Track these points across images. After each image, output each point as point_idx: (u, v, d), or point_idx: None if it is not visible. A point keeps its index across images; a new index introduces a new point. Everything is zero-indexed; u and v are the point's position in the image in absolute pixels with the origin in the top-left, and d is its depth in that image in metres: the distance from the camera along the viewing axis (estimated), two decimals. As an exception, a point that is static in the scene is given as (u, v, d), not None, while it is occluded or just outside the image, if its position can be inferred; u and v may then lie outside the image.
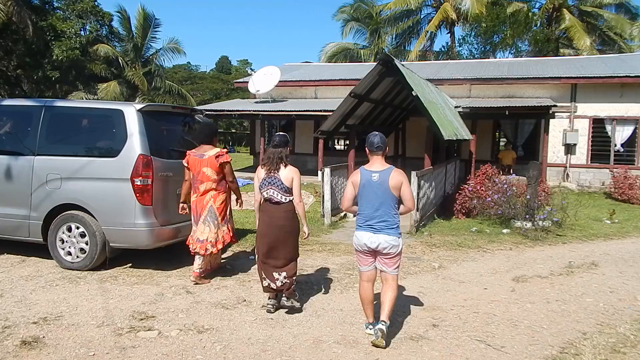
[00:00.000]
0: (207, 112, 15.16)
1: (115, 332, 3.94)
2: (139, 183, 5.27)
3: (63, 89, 27.12)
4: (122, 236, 5.40)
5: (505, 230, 8.42)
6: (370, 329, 3.98)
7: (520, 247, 7.49)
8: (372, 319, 4.03)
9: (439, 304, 4.82)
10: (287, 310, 4.51)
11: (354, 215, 4.18)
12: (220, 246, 5.27)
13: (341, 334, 4.05)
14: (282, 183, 4.39)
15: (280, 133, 4.62)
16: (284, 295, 4.52)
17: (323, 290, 5.16)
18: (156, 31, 29.20)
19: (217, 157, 5.15)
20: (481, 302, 4.90)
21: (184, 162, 5.24)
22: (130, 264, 5.78)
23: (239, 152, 37.03)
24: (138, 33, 28.17)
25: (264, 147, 15.81)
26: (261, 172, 4.48)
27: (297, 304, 4.53)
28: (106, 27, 28.84)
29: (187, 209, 5.37)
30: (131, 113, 5.37)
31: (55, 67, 25.04)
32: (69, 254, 5.56)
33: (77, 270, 5.49)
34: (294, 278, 4.52)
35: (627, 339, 4.07)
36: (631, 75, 14.36)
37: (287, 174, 4.42)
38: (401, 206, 4.00)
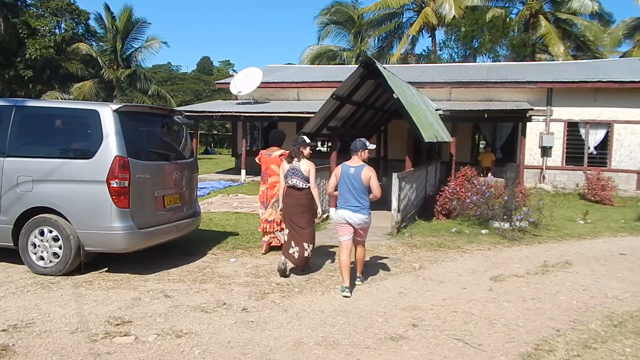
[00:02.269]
0: (187, 113, 15.05)
1: (90, 338, 3.86)
2: (115, 185, 5.18)
3: (37, 88, 26.53)
4: (97, 240, 5.29)
5: (484, 231, 8.54)
6: (346, 290, 5.05)
7: (498, 247, 7.61)
8: (348, 283, 5.11)
9: (418, 304, 4.85)
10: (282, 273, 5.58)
11: (335, 210, 5.41)
12: (283, 225, 6.20)
13: (322, 335, 4.05)
14: (302, 173, 5.67)
15: (302, 136, 6.03)
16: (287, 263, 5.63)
17: (305, 291, 5.15)
18: (140, 32, 28.76)
19: (280, 156, 6.42)
20: (460, 302, 4.96)
21: (257, 159, 6.74)
22: (106, 268, 5.66)
23: (221, 154, 36.79)
24: (119, 32, 27.72)
25: (245, 148, 15.74)
26: (286, 165, 5.79)
27: (286, 272, 5.61)
28: (82, 25, 28.32)
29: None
30: (107, 113, 5.27)
31: (29, 66, 24.49)
32: (42, 258, 5.40)
33: (50, 275, 5.35)
34: (312, 254, 5.78)
35: (598, 335, 4.17)
36: (603, 80, 14.75)
37: (306, 166, 5.72)
38: (370, 194, 5.25)
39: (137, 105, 7.12)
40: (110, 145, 5.22)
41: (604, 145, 15.14)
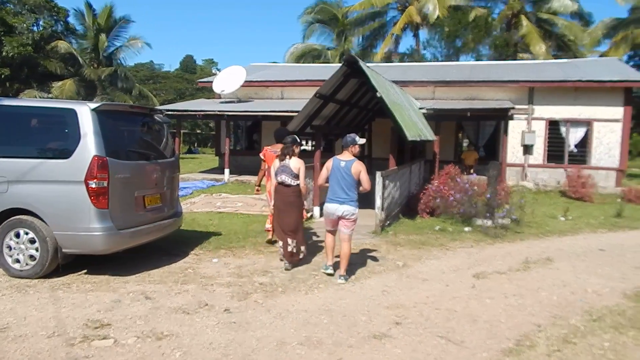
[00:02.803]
0: (170, 112, 14.88)
1: (67, 343, 3.77)
2: (94, 185, 5.07)
3: (14, 87, 25.96)
4: (75, 241, 5.17)
5: (467, 229, 8.60)
6: (329, 268, 5.64)
7: (481, 244, 7.66)
8: (331, 262, 5.72)
9: (402, 302, 4.86)
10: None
11: (321, 208, 5.86)
12: None
13: (305, 335, 4.02)
14: (292, 170, 5.87)
15: (292, 135, 6.21)
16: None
17: (288, 291, 5.12)
18: (122, 30, 28.30)
19: None
20: (443, 299, 4.98)
21: (261, 155, 6.90)
22: (85, 271, 5.55)
23: (204, 153, 36.51)
24: (101, 30, 27.24)
25: (229, 148, 15.62)
26: (277, 163, 6.00)
27: (288, 266, 5.86)
28: (61, 22, 27.78)
29: (261, 190, 7.02)
30: (85, 112, 5.16)
31: (6, 64, 23.94)
32: (17, 261, 5.26)
33: (26, 278, 5.21)
34: (302, 248, 5.98)
35: (578, 330, 4.22)
36: (583, 79, 14.98)
37: (295, 164, 5.94)
38: (360, 187, 5.51)
39: (116, 104, 6.99)
40: (89, 145, 5.11)
41: (584, 143, 15.38)
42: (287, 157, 5.99)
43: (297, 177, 5.93)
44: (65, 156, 5.16)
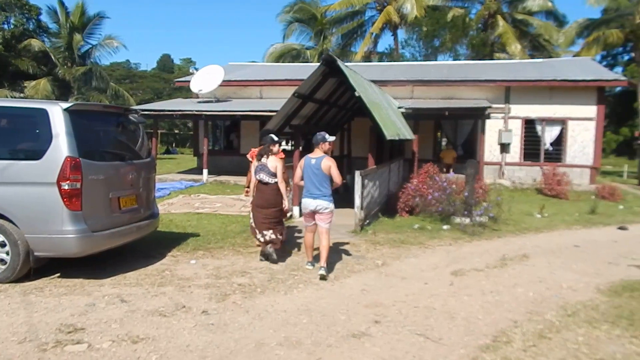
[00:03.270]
0: (146, 112, 14.65)
1: (39, 348, 3.67)
2: (66, 187, 4.95)
3: (-17, 86, 25.29)
4: (48, 244, 5.04)
5: (445, 227, 8.68)
6: (309, 264, 5.90)
7: (459, 242, 7.75)
8: (311, 258, 5.98)
9: (381, 301, 4.87)
10: (266, 258, 6.15)
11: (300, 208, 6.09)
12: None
13: (284, 335, 4.00)
14: (270, 169, 6.07)
15: (271, 135, 6.34)
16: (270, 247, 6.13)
17: (267, 291, 5.08)
18: (97, 27, 27.71)
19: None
20: (422, 297, 5.01)
21: (249, 157, 6.87)
22: (58, 274, 5.41)
23: (182, 153, 36.08)
24: (73, 28, 26.65)
25: (207, 148, 15.46)
26: (256, 162, 6.20)
27: (274, 255, 6.08)
28: (33, 20, 27.09)
29: (250, 192, 6.74)
30: (56, 112, 5.03)
31: (-26, 63, 23.30)
32: (-13, 265, 5.11)
33: (-3, 282, 5.07)
34: (281, 237, 6.23)
35: (553, 325, 4.29)
36: (558, 79, 15.30)
37: (273, 162, 6.10)
38: (334, 182, 5.76)
39: (89, 104, 6.86)
40: (61, 146, 4.98)
41: (559, 141, 15.70)
42: (265, 156, 6.16)
43: (274, 175, 6.10)
44: (36, 157, 5.02)
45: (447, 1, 29.22)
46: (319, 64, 8.89)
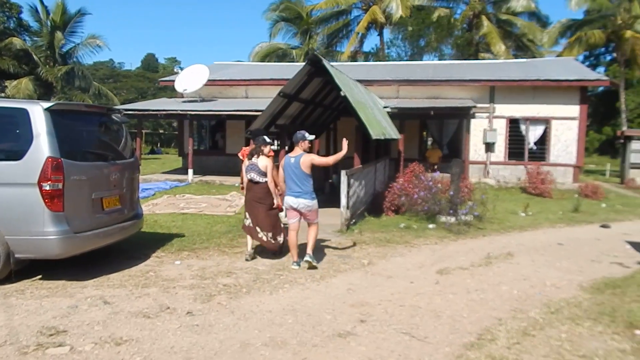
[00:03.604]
0: (131, 112, 14.49)
1: (20, 351, 3.60)
2: (48, 188, 4.86)
3: (-37, 85, 24.77)
4: (29, 246, 4.95)
5: (431, 226, 8.73)
6: (295, 264, 5.88)
7: (444, 241, 7.80)
8: (297, 258, 5.94)
9: (367, 300, 4.87)
10: (251, 258, 6.29)
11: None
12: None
13: (269, 335, 3.98)
14: (260, 169, 6.16)
15: (263, 136, 6.43)
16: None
17: (252, 292, 5.05)
18: (79, 25, 27.26)
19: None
20: (407, 296, 5.03)
21: (240, 155, 7.19)
22: (40, 276, 5.31)
23: (167, 153, 35.78)
24: (55, 27, 26.21)
25: (193, 148, 15.34)
26: (246, 162, 6.31)
27: (248, 257, 6.26)
28: (14, 19, 26.60)
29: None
30: (37, 112, 4.94)
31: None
32: (-34, 268, 4.99)
33: (-24, 285, 4.96)
34: (279, 239, 6.31)
35: (537, 323, 4.34)
36: (541, 79, 15.51)
37: (263, 162, 6.20)
38: (325, 161, 6.09)
39: (71, 104, 6.76)
40: (42, 146, 4.89)
41: (543, 140, 15.91)
42: (256, 156, 6.26)
43: (264, 174, 6.19)
44: (16, 158, 4.92)
45: (432, 1, 29.44)
46: (304, 63, 8.88)
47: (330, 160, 6.18)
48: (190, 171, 14.75)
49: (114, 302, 4.64)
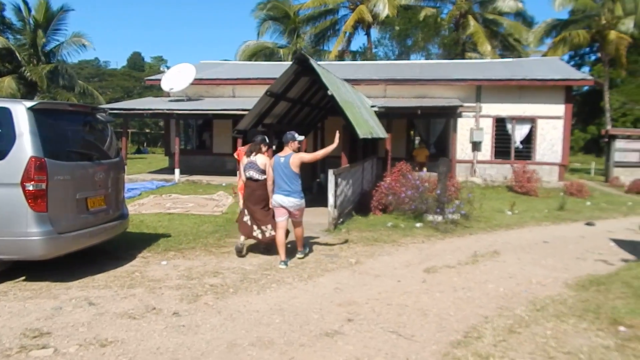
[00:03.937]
0: (116, 111, 14.33)
1: (3, 354, 3.53)
2: (31, 188, 4.79)
3: (-57, 84, 24.19)
4: (12, 247, 4.86)
5: (418, 224, 8.77)
6: (282, 263, 5.91)
7: (432, 239, 7.84)
8: (284, 257, 5.99)
9: (354, 299, 4.88)
10: (239, 253, 6.39)
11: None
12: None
13: (257, 335, 3.96)
14: (259, 167, 6.25)
15: (260, 135, 6.56)
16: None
17: (240, 291, 5.03)
18: (62, 22, 26.81)
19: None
20: (395, 294, 5.04)
21: (235, 155, 7.17)
22: (24, 277, 5.23)
23: (154, 153, 35.48)
24: (37, 24, 25.77)
25: (179, 147, 15.24)
26: (245, 160, 6.38)
27: (240, 246, 6.40)
28: (-4, 16, 26.13)
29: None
30: (20, 111, 4.86)
31: None
32: (-53, 270, 4.91)
33: (-42, 287, 4.87)
34: (273, 232, 6.25)
35: (523, 320, 4.38)
36: (527, 78, 15.67)
37: (262, 160, 6.30)
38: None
39: (55, 103, 6.66)
40: (25, 145, 4.82)
41: (529, 139, 16.08)
42: (254, 154, 6.36)
43: (263, 172, 6.29)
44: (-2, 157, 4.84)
45: (419, 1, 29.59)
46: (291, 62, 8.86)
47: (320, 154, 6.30)
48: (177, 171, 14.64)
49: (99, 303, 4.58)
